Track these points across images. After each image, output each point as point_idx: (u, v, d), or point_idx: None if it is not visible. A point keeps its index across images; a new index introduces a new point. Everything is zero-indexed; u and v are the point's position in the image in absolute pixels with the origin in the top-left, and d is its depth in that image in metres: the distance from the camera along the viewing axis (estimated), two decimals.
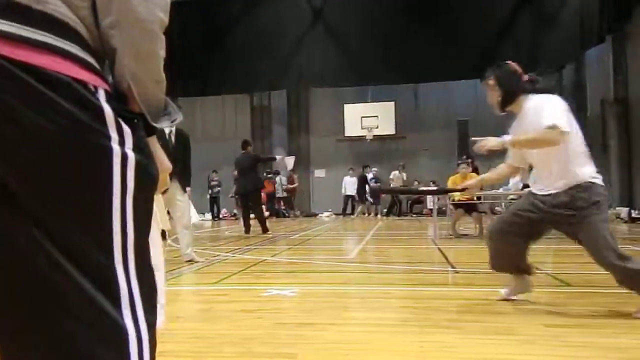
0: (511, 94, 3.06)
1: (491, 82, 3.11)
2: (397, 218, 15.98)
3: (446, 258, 5.82)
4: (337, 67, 17.10)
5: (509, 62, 3.15)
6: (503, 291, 3.35)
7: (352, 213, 17.38)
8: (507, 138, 2.97)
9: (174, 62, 18.03)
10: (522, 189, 8.35)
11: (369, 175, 16.97)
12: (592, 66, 15.25)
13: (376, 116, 17.76)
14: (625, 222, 10.83)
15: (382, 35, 16.35)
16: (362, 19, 16.79)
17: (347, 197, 17.49)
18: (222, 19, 17.77)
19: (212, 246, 7.84)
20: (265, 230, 9.57)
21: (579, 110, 16.19)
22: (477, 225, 8.69)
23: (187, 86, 17.96)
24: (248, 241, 8.43)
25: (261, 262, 5.73)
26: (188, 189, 5.67)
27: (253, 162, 9.85)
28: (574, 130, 2.85)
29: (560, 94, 12.20)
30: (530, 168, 3.31)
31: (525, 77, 3.08)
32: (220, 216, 17.11)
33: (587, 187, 2.83)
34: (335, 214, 17.71)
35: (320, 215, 17.76)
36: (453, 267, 5.10)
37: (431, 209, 12.73)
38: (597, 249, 2.79)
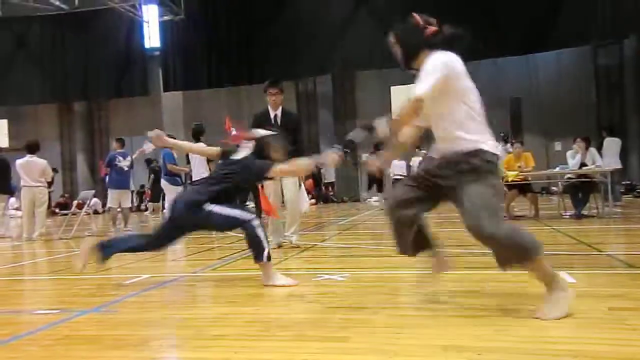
0: (410, 51, 2.74)
1: (392, 39, 2.83)
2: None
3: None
4: (382, 48, 16.81)
5: (413, 14, 2.80)
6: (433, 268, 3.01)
7: None
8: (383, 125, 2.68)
9: (221, 52, 18.31)
10: (579, 168, 8.00)
11: (418, 159, 16.70)
12: None
13: None
14: None
15: (428, 12, 15.92)
16: None
17: (396, 180, 17.30)
18: (266, 7, 17.84)
19: None
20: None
21: None
22: (533, 206, 8.41)
23: (233, 75, 18.22)
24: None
25: (311, 247, 5.78)
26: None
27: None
28: (460, 93, 2.59)
29: (622, 66, 11.57)
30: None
31: (431, 29, 2.71)
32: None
33: (473, 153, 2.54)
34: (384, 199, 17.60)
35: (368, 200, 17.69)
36: None
37: None
38: (473, 214, 2.47)
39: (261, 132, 3.98)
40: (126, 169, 9.58)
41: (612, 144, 9.97)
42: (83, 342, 2.48)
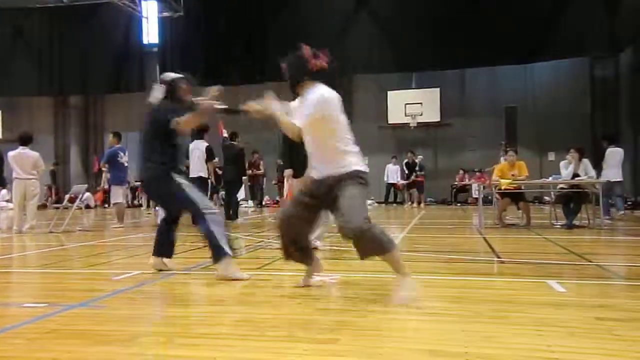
0: (294, 79, 3.26)
1: (283, 65, 3.31)
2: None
3: (492, 248, 5.70)
4: (381, 53, 16.87)
5: (303, 46, 3.30)
6: (302, 280, 3.54)
7: (395, 201, 17.23)
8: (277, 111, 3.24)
9: (219, 51, 18.28)
10: (572, 179, 8.04)
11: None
12: None
13: (420, 103, 17.46)
14: None
15: (427, 20, 16.00)
16: (406, 5, 16.49)
17: (390, 185, 17.33)
18: (266, 6, 17.84)
19: (255, 232, 7.98)
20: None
21: (638, 95, 15.38)
22: (525, 215, 8.45)
23: (230, 74, 18.17)
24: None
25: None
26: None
27: (240, 152, 10.46)
28: (334, 125, 3.14)
29: (617, 79, 11.65)
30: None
31: (314, 64, 3.21)
32: (264, 203, 17.28)
33: (352, 174, 3.09)
34: (378, 203, 17.61)
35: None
36: (499, 257, 4.99)
37: (476, 198, 12.49)
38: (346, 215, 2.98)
39: (170, 75, 4.25)
40: (126, 164, 9.54)
41: (614, 154, 9.72)
42: (70, 337, 2.46)
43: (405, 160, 16.40)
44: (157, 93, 4.20)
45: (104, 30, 19.60)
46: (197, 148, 9.22)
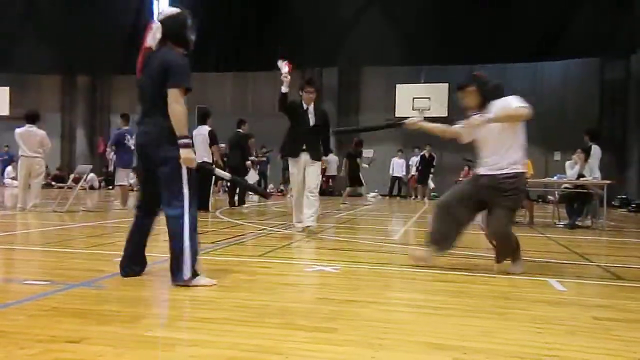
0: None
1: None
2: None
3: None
4: (391, 46, 16.77)
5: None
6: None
7: (399, 195, 17.19)
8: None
9: (230, 35, 18.20)
10: (577, 179, 8.01)
11: (416, 159, 16.71)
12: None
13: (428, 97, 17.36)
14: None
15: (438, 14, 15.89)
16: None
17: (395, 178, 17.30)
18: None
19: (258, 220, 7.99)
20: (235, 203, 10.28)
21: None
22: (528, 213, 8.43)
23: (240, 61, 18.12)
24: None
25: (306, 237, 5.79)
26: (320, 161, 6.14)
27: (243, 136, 10.65)
28: None
29: (627, 81, 11.54)
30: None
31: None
32: (267, 191, 17.28)
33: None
34: (382, 195, 17.60)
35: (366, 195, 17.69)
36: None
37: None
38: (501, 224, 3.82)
39: (167, 9, 3.52)
40: (133, 147, 9.52)
41: (596, 153, 9.11)
42: (70, 315, 2.48)
43: (422, 154, 16.12)
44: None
45: (115, 8, 19.52)
46: (200, 133, 9.22)
